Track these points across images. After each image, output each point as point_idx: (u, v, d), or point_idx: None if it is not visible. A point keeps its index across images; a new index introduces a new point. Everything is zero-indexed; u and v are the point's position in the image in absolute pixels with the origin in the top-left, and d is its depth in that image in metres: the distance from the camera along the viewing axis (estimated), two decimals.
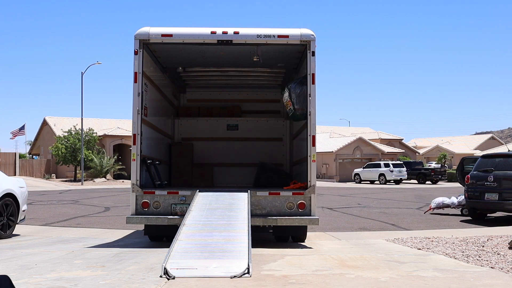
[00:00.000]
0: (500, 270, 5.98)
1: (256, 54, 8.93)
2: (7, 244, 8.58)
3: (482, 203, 12.95)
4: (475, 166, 13.92)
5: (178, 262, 5.49)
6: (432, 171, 42.52)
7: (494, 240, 8.70)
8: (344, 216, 14.49)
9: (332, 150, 48.52)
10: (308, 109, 8.18)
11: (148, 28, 8.35)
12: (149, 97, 9.05)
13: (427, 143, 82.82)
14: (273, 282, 5.05)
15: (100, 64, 51.02)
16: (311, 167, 8.06)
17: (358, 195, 24.37)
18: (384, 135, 60.65)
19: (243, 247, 5.93)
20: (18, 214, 9.81)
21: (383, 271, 5.74)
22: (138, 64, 8.18)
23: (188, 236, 6.35)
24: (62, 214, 15.06)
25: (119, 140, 45.38)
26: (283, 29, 8.39)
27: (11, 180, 10.01)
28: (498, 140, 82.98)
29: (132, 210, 8.03)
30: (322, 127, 64.49)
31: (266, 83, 11.94)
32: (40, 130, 52.47)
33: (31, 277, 5.28)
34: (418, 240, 8.97)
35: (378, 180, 40.86)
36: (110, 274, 5.45)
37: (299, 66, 9.78)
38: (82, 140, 39.24)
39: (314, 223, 8.09)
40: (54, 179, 43.08)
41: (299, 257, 6.76)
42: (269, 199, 8.03)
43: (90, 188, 31.28)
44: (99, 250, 7.47)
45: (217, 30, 8.29)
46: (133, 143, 8.15)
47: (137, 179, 8.05)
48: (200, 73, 11.31)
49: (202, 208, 7.47)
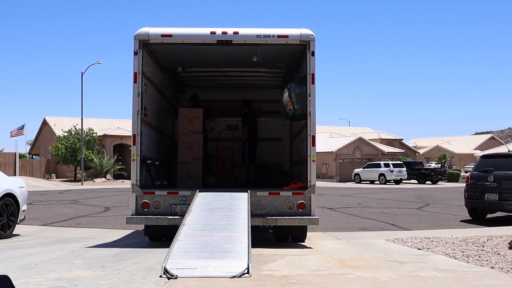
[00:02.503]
0: (500, 270, 5.98)
1: (256, 54, 8.92)
2: (7, 244, 8.58)
3: (482, 203, 12.95)
4: (475, 166, 13.93)
5: (178, 262, 5.50)
6: (432, 171, 42.52)
7: (494, 240, 8.70)
8: (344, 216, 14.49)
9: (332, 150, 48.52)
10: (308, 109, 8.18)
11: (148, 28, 8.35)
12: (149, 97, 9.05)
13: (427, 143, 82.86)
14: (273, 282, 5.05)
15: (100, 64, 51.02)
16: (311, 167, 8.06)
17: (358, 195, 24.37)
18: (384, 135, 60.65)
19: (243, 247, 5.93)
20: (18, 214, 9.81)
21: (383, 271, 5.74)
22: (138, 64, 8.19)
23: (188, 236, 6.35)
24: (62, 214, 15.06)
25: (119, 140, 45.37)
26: (283, 29, 8.39)
27: (11, 180, 10.01)
28: (498, 140, 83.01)
29: (132, 210, 8.03)
30: (322, 127, 64.49)
31: (266, 83, 11.94)
32: (40, 130, 52.47)
33: (31, 277, 5.28)
34: (418, 240, 8.98)
35: (378, 180, 40.85)
36: (110, 274, 5.45)
37: (298, 66, 9.77)
38: (82, 140, 39.24)
39: (314, 223, 8.09)
40: (54, 179, 43.08)
41: (299, 257, 6.76)
42: (269, 199, 8.03)
43: (90, 188, 31.27)
44: (99, 250, 7.47)
45: (217, 30, 8.29)
46: (133, 143, 8.15)
47: (137, 179, 8.05)
48: (200, 73, 11.31)
49: (202, 208, 7.47)
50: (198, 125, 10.21)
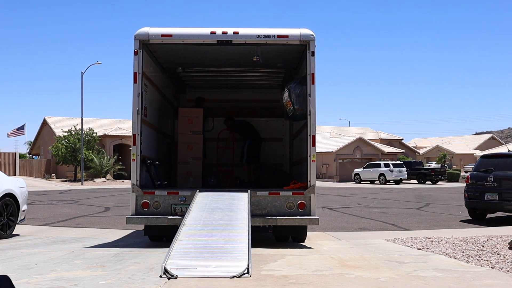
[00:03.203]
0: (500, 270, 5.98)
1: (256, 54, 8.92)
2: (7, 244, 8.58)
3: (482, 203, 12.96)
4: (475, 166, 13.93)
5: (178, 262, 5.50)
6: (432, 171, 42.52)
7: (494, 240, 8.70)
8: (344, 216, 14.50)
9: (332, 150, 48.52)
10: (308, 109, 8.18)
11: (148, 28, 8.35)
12: (149, 97, 9.05)
13: (427, 143, 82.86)
14: (273, 282, 5.05)
15: (100, 64, 51.07)
16: (311, 167, 8.06)
17: (358, 195, 24.37)
18: (384, 135, 60.66)
19: (243, 247, 5.93)
20: (18, 214, 9.81)
21: (383, 271, 5.74)
22: (138, 64, 8.19)
23: (188, 236, 6.35)
24: (62, 214, 15.06)
25: (119, 140, 45.37)
26: (283, 29, 8.39)
27: (11, 180, 10.01)
28: (498, 140, 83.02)
29: (132, 210, 8.03)
30: (322, 127, 64.50)
31: (266, 83, 11.94)
32: (40, 130, 52.47)
33: (31, 277, 5.28)
34: (418, 240, 8.97)
35: (378, 180, 40.85)
36: (110, 274, 5.45)
37: (298, 66, 9.77)
38: (82, 140, 39.24)
39: (314, 223, 8.09)
40: (54, 179, 43.07)
41: (299, 257, 6.76)
42: (269, 199, 8.03)
43: (90, 188, 31.27)
44: (99, 250, 7.47)
45: (217, 30, 8.29)
46: (133, 143, 8.15)
47: (137, 179, 8.05)
48: (200, 73, 11.31)
49: (202, 208, 7.47)
50: (198, 125, 10.22)
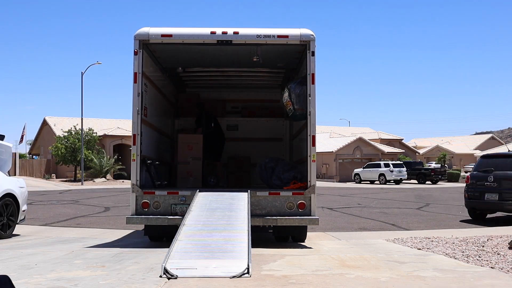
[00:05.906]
0: (500, 270, 5.98)
1: (256, 54, 8.92)
2: (7, 244, 8.58)
3: (482, 203, 12.96)
4: (475, 166, 13.94)
5: (178, 262, 5.50)
6: (432, 171, 42.51)
7: (494, 240, 8.70)
8: (344, 216, 14.50)
9: (332, 150, 48.52)
10: (308, 109, 8.18)
11: (148, 28, 8.35)
12: (149, 97, 9.05)
13: (427, 143, 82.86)
14: (273, 282, 5.05)
15: (100, 64, 51.09)
16: (311, 167, 8.06)
17: (358, 195, 24.37)
18: (384, 135, 60.66)
19: (243, 247, 5.93)
20: (18, 214, 9.81)
21: (383, 271, 5.74)
22: (138, 64, 8.19)
23: (188, 236, 6.35)
24: (62, 214, 15.07)
25: (119, 140, 45.37)
26: (283, 29, 8.39)
27: (11, 180, 10.02)
28: (498, 140, 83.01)
29: (132, 210, 8.03)
30: (322, 127, 64.49)
31: (266, 83, 11.95)
32: (40, 130, 52.47)
33: (31, 277, 5.28)
34: (418, 240, 8.98)
35: (378, 180, 40.85)
36: (110, 274, 5.45)
37: (298, 66, 9.78)
38: (82, 140, 39.24)
39: (314, 223, 8.09)
40: (54, 179, 43.08)
41: (299, 257, 6.76)
42: (269, 199, 8.03)
43: (90, 188, 31.27)
44: (99, 250, 7.47)
45: (217, 30, 8.30)
46: (133, 143, 8.15)
47: (137, 179, 8.05)
48: (200, 73, 11.31)
49: (202, 208, 7.47)
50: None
